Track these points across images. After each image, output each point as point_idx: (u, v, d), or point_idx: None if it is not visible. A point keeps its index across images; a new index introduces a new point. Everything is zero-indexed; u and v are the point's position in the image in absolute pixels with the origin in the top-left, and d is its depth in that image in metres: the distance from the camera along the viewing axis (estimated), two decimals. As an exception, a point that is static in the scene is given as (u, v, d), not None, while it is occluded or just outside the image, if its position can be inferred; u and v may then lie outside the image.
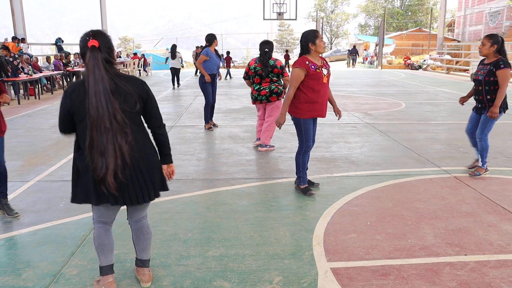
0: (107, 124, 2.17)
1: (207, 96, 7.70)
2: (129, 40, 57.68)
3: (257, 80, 6.14)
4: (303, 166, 4.46)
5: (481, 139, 4.92)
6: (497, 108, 4.69)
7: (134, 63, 21.97)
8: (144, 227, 2.69)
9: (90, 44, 2.20)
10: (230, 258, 3.11)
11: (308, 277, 2.85)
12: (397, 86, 16.28)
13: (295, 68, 4.15)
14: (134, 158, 2.32)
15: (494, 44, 4.67)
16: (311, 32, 4.23)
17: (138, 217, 2.66)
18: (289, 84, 4.21)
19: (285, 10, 25.84)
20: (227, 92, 14.67)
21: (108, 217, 2.59)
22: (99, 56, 2.21)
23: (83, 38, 2.25)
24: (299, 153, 4.44)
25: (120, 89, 2.26)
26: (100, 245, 2.60)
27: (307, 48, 4.20)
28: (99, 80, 2.17)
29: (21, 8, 17.64)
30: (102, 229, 2.59)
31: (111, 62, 2.31)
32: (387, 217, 3.83)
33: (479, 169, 5.01)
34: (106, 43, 2.28)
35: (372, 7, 51.18)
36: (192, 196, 4.42)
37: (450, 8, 45.09)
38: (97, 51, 2.21)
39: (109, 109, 2.18)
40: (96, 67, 2.18)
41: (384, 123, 8.43)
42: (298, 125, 4.35)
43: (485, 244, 3.32)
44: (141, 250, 2.74)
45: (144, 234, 2.70)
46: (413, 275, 2.86)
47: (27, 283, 2.79)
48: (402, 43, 33.93)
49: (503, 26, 27.04)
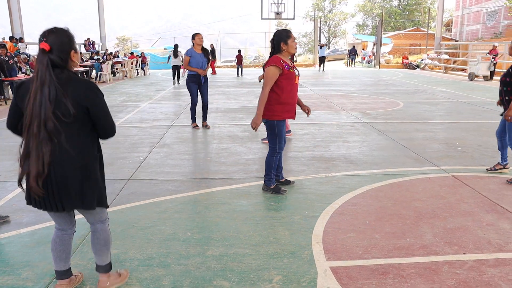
0: (34, 129, 2.15)
1: (192, 96, 7.84)
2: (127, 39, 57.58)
3: None
4: (274, 168, 4.45)
5: (510, 144, 4.78)
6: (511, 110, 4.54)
7: (132, 62, 21.93)
8: (97, 231, 2.60)
9: (40, 47, 2.16)
10: (229, 257, 3.11)
11: (307, 276, 2.86)
12: (395, 86, 16.31)
13: (271, 66, 4.06)
14: (53, 168, 2.25)
15: None
16: (284, 32, 4.20)
17: (90, 221, 2.59)
18: (265, 83, 4.11)
19: (283, 9, 25.89)
20: (225, 91, 14.67)
21: (59, 224, 2.57)
22: (45, 60, 2.15)
23: (39, 37, 2.20)
24: (272, 155, 4.39)
25: (60, 97, 2.17)
26: (52, 250, 2.60)
27: (279, 48, 4.14)
28: (39, 85, 2.14)
29: (18, 8, 17.59)
30: (55, 235, 2.60)
31: (62, 66, 2.22)
32: (386, 216, 3.84)
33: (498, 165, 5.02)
34: (60, 45, 2.20)
35: (370, 6, 51.21)
36: (191, 196, 4.42)
37: (447, 7, 45.22)
38: (44, 54, 2.15)
39: (41, 115, 2.14)
40: (41, 71, 2.14)
41: (382, 123, 8.45)
42: (271, 127, 4.28)
43: (483, 243, 3.33)
44: (95, 254, 2.66)
45: (95, 238, 2.61)
46: (412, 274, 2.87)
47: (26, 283, 2.78)
48: (400, 43, 33.99)
49: (500, 25, 27.10)
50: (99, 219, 2.58)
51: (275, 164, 4.44)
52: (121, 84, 17.66)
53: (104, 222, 2.62)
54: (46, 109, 2.14)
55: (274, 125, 4.25)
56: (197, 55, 7.51)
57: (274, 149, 4.37)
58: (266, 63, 4.22)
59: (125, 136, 7.32)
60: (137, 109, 10.52)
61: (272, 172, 4.45)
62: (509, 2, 25.08)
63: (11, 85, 12.34)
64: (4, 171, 5.30)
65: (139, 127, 8.27)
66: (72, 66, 2.29)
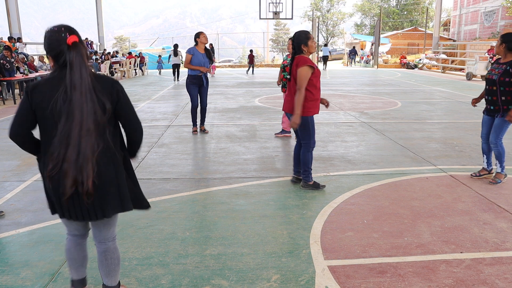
0: (91, 125, 1.97)
1: (192, 98, 7.33)
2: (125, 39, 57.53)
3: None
4: (311, 162, 4.54)
5: (496, 144, 4.62)
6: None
7: (130, 62, 21.92)
8: (108, 251, 2.36)
9: (71, 41, 1.99)
10: (228, 256, 3.12)
11: (305, 275, 2.87)
12: (393, 85, 16.34)
13: (305, 66, 4.16)
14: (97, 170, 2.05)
15: (502, 43, 4.44)
16: (303, 33, 4.26)
17: (100, 239, 2.34)
18: (301, 84, 4.18)
19: (281, 9, 25.88)
20: (223, 91, 14.68)
21: (77, 230, 2.36)
22: (83, 52, 2.01)
23: (55, 36, 2.00)
24: (308, 151, 4.47)
25: (97, 92, 2.04)
26: (70, 259, 2.41)
27: (300, 49, 4.25)
28: (85, 77, 1.97)
29: (16, 8, 17.57)
30: (72, 242, 2.39)
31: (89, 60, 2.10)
32: (383, 216, 3.86)
33: (499, 175, 4.71)
34: (81, 39, 2.08)
35: (368, 6, 51.27)
36: (189, 195, 4.43)
37: (445, 7, 45.31)
38: (80, 46, 2.01)
39: (94, 109, 1.99)
40: (83, 64, 1.99)
41: (380, 122, 8.47)
42: (305, 124, 4.36)
43: (480, 242, 3.35)
44: (104, 276, 2.42)
45: (107, 258, 2.37)
46: (410, 273, 2.89)
47: (25, 282, 2.79)
48: (398, 43, 34.03)
49: (498, 25, 27.17)
50: (111, 235, 2.37)
51: (311, 159, 4.51)
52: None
53: (115, 240, 2.41)
54: (95, 104, 1.99)
55: (308, 121, 4.35)
56: (199, 54, 7.06)
57: (309, 144, 4.45)
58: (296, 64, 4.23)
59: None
60: (135, 109, 10.51)
61: (310, 167, 4.52)
62: (506, 2, 25.15)
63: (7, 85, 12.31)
64: (2, 171, 5.30)
65: (138, 127, 8.25)
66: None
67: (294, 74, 4.30)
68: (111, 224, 2.33)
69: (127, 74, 21.32)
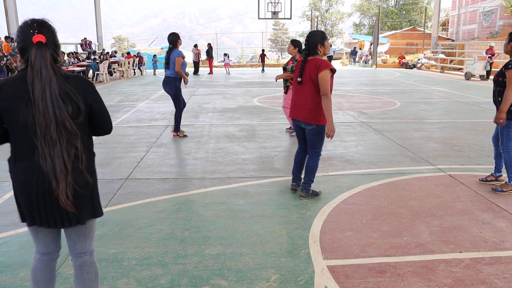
0: (53, 134, 1.85)
1: (181, 102, 7.09)
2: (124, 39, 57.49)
3: None
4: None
5: (503, 150, 4.37)
6: (502, 113, 4.17)
7: (129, 62, 21.90)
8: (85, 265, 2.18)
9: (36, 40, 1.85)
10: (227, 256, 3.12)
11: (304, 275, 2.87)
12: (392, 85, 16.35)
13: (327, 70, 3.89)
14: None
15: (510, 41, 4.24)
16: (319, 33, 4.04)
17: (76, 252, 2.16)
18: (326, 88, 3.91)
19: (280, 9, 25.92)
20: (222, 91, 14.67)
21: (46, 247, 2.16)
22: (47, 54, 1.86)
23: (24, 30, 1.89)
24: (317, 159, 4.24)
25: (68, 95, 1.90)
26: (33, 280, 2.19)
27: (315, 50, 4.01)
28: (46, 83, 1.84)
29: (14, 7, 17.53)
30: (39, 262, 2.18)
31: (58, 61, 1.95)
32: (382, 215, 3.86)
33: (505, 185, 4.41)
34: (53, 39, 1.93)
35: (367, 6, 51.29)
36: (188, 195, 4.43)
37: (444, 7, 45.36)
38: (44, 48, 1.86)
39: (57, 117, 1.84)
40: (44, 67, 1.84)
41: (379, 122, 8.47)
42: (321, 132, 4.10)
43: (479, 241, 3.35)
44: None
45: (83, 273, 2.18)
46: (409, 272, 2.89)
47: (24, 283, 2.78)
48: (396, 42, 34.05)
49: (496, 25, 27.20)
50: (88, 249, 2.19)
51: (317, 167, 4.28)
52: (118, 84, 17.63)
53: (93, 254, 2.22)
54: (61, 109, 1.86)
55: (324, 129, 4.09)
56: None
57: (319, 153, 4.22)
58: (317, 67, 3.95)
59: (122, 136, 7.31)
60: (134, 109, 10.51)
61: (314, 177, 4.29)
62: (505, 2, 25.18)
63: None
64: (0, 171, 5.29)
65: (136, 127, 8.26)
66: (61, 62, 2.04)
67: (313, 77, 3.96)
68: (87, 235, 2.15)
69: (126, 74, 21.30)
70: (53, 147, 1.86)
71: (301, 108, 4.12)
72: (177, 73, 6.83)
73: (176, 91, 6.95)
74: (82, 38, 24.17)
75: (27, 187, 1.96)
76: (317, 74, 3.93)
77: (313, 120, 4.04)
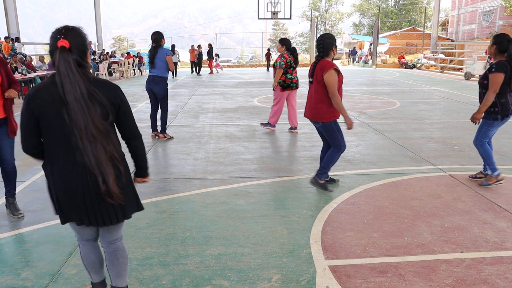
0: (93, 131, 1.93)
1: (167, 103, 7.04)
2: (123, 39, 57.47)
3: (290, 71, 7.18)
4: (332, 164, 4.47)
5: (476, 144, 4.68)
6: (479, 113, 4.46)
7: (128, 62, 21.89)
8: (118, 250, 2.37)
9: (59, 44, 1.94)
10: (228, 256, 3.12)
11: (306, 275, 2.87)
12: (392, 85, 16.35)
13: (333, 70, 4.08)
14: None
15: (494, 44, 4.39)
16: (333, 36, 4.28)
17: (110, 239, 2.34)
18: (333, 89, 4.11)
19: (280, 9, 25.94)
20: (222, 91, 14.67)
21: (90, 234, 2.34)
22: (70, 58, 1.94)
23: (54, 35, 1.99)
24: (339, 151, 4.38)
25: (95, 97, 1.98)
26: (89, 263, 2.41)
27: (328, 52, 4.18)
28: (76, 84, 1.92)
29: (14, 7, 17.53)
30: (87, 247, 2.38)
31: (83, 66, 2.02)
32: (383, 215, 3.86)
33: (489, 178, 4.63)
34: (79, 44, 2.01)
35: (366, 6, 51.31)
36: (189, 196, 4.43)
37: (443, 7, 45.34)
38: (67, 53, 1.94)
39: (92, 116, 1.94)
40: (70, 71, 1.92)
41: (379, 122, 8.47)
42: (330, 129, 4.31)
43: (480, 241, 3.35)
44: (115, 277, 2.41)
45: (118, 258, 2.37)
46: (410, 272, 2.89)
47: (25, 283, 2.78)
48: (396, 42, 34.07)
49: (496, 25, 27.22)
50: (120, 235, 2.37)
51: (335, 161, 4.44)
52: (118, 84, 17.56)
53: (122, 239, 2.41)
54: (91, 111, 1.93)
55: (332, 125, 4.30)
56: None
57: (340, 146, 4.36)
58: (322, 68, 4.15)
59: (123, 136, 7.30)
60: (134, 109, 10.51)
61: (329, 168, 4.45)
62: (504, 2, 25.20)
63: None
64: None
65: (137, 127, 8.24)
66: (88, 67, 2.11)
67: (319, 78, 4.17)
68: (120, 225, 2.30)
69: (126, 74, 21.30)
70: (94, 144, 1.94)
71: (309, 107, 4.39)
72: (166, 72, 6.78)
73: (166, 91, 6.91)
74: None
75: (73, 190, 2.04)
76: (322, 75, 4.13)
77: (318, 118, 4.31)
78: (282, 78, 7.16)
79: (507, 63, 4.27)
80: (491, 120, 4.48)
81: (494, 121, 4.47)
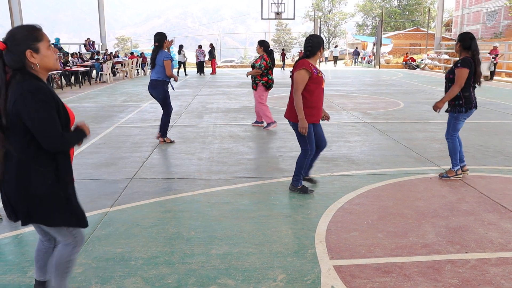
0: None
1: (169, 106, 6.80)
2: (127, 39, 57.64)
3: (271, 72, 7.76)
4: (305, 169, 4.47)
5: (448, 139, 4.84)
6: (441, 103, 4.75)
7: (132, 62, 21.95)
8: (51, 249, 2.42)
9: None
10: (233, 256, 3.13)
11: (311, 275, 2.88)
12: (395, 86, 16.33)
13: (302, 70, 4.09)
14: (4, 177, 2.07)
15: (458, 42, 4.67)
16: (321, 38, 4.32)
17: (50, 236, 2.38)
18: (296, 87, 4.12)
19: (283, 9, 25.90)
20: (226, 91, 14.69)
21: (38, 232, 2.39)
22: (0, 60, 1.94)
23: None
24: (305, 156, 4.36)
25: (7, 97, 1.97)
26: (35, 258, 2.48)
27: (314, 52, 4.19)
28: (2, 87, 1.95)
29: (19, 8, 17.59)
30: (38, 243, 2.45)
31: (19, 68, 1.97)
32: (388, 216, 3.87)
33: (450, 171, 4.88)
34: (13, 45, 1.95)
35: (370, 6, 51.26)
36: (194, 195, 4.44)
37: (447, 7, 45.28)
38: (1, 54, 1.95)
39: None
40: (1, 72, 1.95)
41: (383, 123, 8.47)
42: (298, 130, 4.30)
43: (485, 242, 3.35)
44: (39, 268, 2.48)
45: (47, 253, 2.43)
46: (415, 273, 2.89)
47: (32, 281, 2.79)
48: (399, 43, 34.04)
49: (500, 25, 27.15)
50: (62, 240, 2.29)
51: (306, 165, 4.44)
52: (122, 84, 17.68)
53: (67, 246, 2.28)
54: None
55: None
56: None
57: (306, 151, 4.33)
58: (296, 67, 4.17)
59: (127, 136, 7.34)
60: (138, 109, 10.53)
61: (301, 173, 4.45)
62: (509, 2, 25.12)
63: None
64: None
65: (141, 127, 8.29)
66: (31, 67, 1.99)
67: (292, 77, 4.22)
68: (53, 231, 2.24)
69: (129, 74, 21.35)
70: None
71: (288, 107, 4.39)
72: (164, 76, 6.57)
73: (165, 94, 6.68)
74: (85, 38, 24.25)
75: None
76: (293, 73, 4.19)
77: (293, 118, 4.27)
78: (265, 79, 7.75)
79: (471, 59, 4.54)
80: (456, 113, 4.73)
81: (460, 114, 4.71)
